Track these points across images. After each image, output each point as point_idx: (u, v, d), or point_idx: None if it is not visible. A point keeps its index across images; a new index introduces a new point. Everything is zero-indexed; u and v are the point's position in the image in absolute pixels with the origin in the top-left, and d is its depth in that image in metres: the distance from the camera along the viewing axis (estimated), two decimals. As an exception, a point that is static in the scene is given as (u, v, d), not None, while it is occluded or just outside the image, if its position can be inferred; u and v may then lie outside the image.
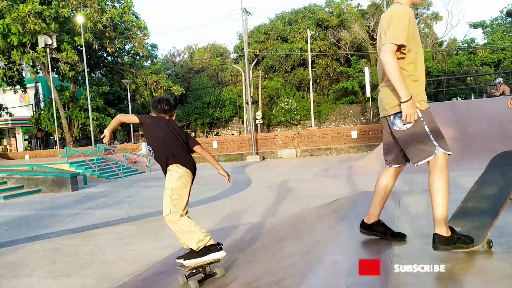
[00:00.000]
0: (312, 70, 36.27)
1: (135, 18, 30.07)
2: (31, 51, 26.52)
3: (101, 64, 33.58)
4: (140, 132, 41.78)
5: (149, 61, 34.38)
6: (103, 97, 32.25)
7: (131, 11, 29.83)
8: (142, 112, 43.67)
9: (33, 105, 39.51)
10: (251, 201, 9.75)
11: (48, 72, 26.74)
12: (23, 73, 31.48)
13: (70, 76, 28.09)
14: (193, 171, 3.80)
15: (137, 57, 32.86)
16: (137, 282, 4.54)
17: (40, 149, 36.89)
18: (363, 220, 3.34)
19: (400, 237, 3.25)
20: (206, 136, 40.59)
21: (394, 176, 3.19)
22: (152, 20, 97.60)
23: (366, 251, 3.20)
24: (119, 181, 17.06)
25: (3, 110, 34.73)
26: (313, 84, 36.36)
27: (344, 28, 40.26)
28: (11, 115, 35.81)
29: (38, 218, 9.75)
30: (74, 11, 27.17)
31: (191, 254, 3.68)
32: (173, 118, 3.99)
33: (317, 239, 3.79)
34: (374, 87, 33.90)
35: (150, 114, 3.93)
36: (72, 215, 9.73)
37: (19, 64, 28.55)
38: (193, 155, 3.98)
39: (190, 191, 3.80)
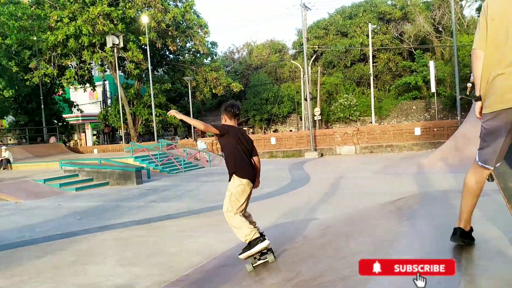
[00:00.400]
0: (373, 65, 35.34)
1: (196, 17, 30.77)
2: (100, 50, 27.91)
3: (164, 62, 34.71)
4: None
5: (209, 59, 35.09)
6: (165, 94, 33.33)
7: (192, 10, 30.55)
8: (202, 108, 44.70)
9: (101, 102, 41.67)
10: (310, 198, 9.69)
11: (115, 70, 28.03)
12: (92, 72, 33.24)
13: (135, 74, 29.28)
14: (253, 181, 4.32)
15: (198, 54, 33.63)
16: (200, 274, 4.65)
17: (107, 143, 38.84)
18: (459, 228, 2.95)
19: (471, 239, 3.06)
20: (264, 132, 40.82)
21: (485, 176, 2.81)
22: (212, 17, 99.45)
23: (433, 251, 3.07)
24: (180, 176, 17.57)
25: (75, 107, 36.88)
26: (373, 79, 35.45)
27: (407, 21, 38.88)
28: (81, 111, 37.95)
29: (106, 209, 10.27)
30: (139, 12, 28.26)
31: (245, 248, 4.23)
32: (239, 120, 4.37)
33: (382, 238, 3.69)
34: (439, 81, 32.49)
35: (222, 117, 4.35)
36: (137, 207, 10.15)
37: (89, 64, 30.16)
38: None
39: (249, 196, 4.37)
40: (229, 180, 4.33)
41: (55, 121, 34.71)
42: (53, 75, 28.50)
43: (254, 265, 4.17)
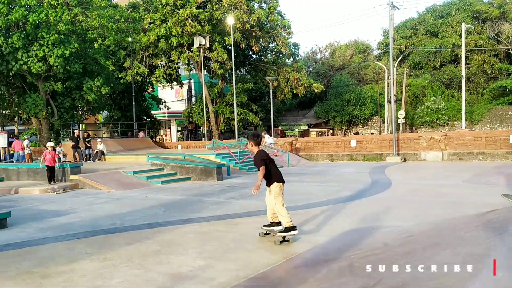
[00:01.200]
0: (465, 67, 33.19)
1: (280, 18, 30.96)
2: (187, 51, 29.15)
3: (247, 62, 35.38)
4: (279, 128, 43.06)
5: (291, 59, 35.15)
6: (247, 93, 33.96)
7: (276, 11, 30.80)
8: (282, 108, 44.90)
9: (186, 100, 43.49)
10: (390, 204, 9.34)
11: (201, 70, 29.11)
12: (180, 71, 34.79)
13: (219, 73, 30.18)
14: (284, 182, 6.45)
15: (280, 55, 33.84)
16: (277, 273, 4.68)
17: (190, 140, 40.45)
18: None
19: None
20: (344, 134, 40.06)
21: None
22: (295, 17, 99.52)
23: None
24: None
25: (162, 104, 38.89)
26: (465, 82, 33.28)
27: (505, 21, 36.02)
28: (168, 108, 39.90)
29: (188, 203, 10.70)
30: (225, 13, 29.07)
31: (284, 230, 6.21)
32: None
33: (472, 251, 3.46)
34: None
35: (250, 142, 6.35)
36: (218, 203, 10.46)
37: (177, 63, 31.60)
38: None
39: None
40: (269, 185, 6.30)
41: (144, 117, 36.85)
42: (144, 73, 30.28)
43: (280, 241, 6.09)
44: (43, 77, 24.07)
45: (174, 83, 34.66)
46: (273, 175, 6.25)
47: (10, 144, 24.92)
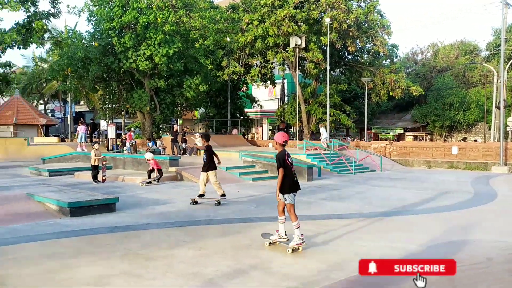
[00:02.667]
0: None
1: (380, 17, 30.02)
2: (282, 51, 29.46)
3: (342, 63, 34.80)
4: (373, 130, 41.78)
5: (389, 60, 33.90)
6: (340, 94, 33.44)
7: (376, 10, 29.91)
8: (376, 110, 43.52)
9: (279, 99, 43.96)
10: (494, 217, 8.67)
11: (295, 70, 29.25)
12: (274, 71, 35.28)
13: (313, 74, 30.09)
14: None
15: (377, 56, 32.81)
16: (370, 278, 4.61)
17: (281, 139, 40.72)
18: None
19: None
20: (444, 140, 37.77)
21: None
22: (395, 16, 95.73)
23: None
24: (350, 177, 17.50)
25: (255, 102, 39.74)
26: None
27: None
28: (261, 107, 40.66)
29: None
30: (322, 13, 28.88)
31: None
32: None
33: None
34: None
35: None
36: (307, 203, 10.48)
37: (272, 63, 32.07)
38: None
39: None
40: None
41: (238, 115, 37.95)
42: (240, 72, 31.18)
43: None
44: (149, 75, 25.86)
45: (268, 82, 35.23)
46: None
47: (118, 135, 27.20)
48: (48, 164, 19.77)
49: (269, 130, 46.94)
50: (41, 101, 51.44)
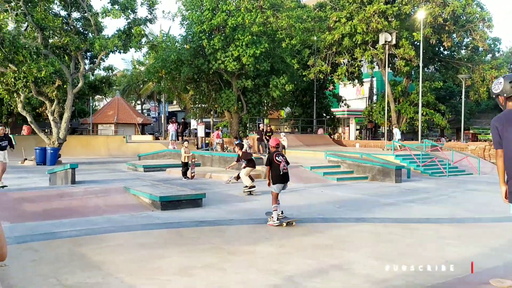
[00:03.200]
0: None
1: (479, 9, 27.93)
2: (371, 48, 28.61)
3: (436, 59, 32.94)
4: (471, 131, 38.96)
5: (489, 55, 31.42)
6: (434, 92, 31.67)
7: (475, 2, 27.90)
8: (475, 109, 40.57)
9: (367, 98, 42.74)
10: None
11: (384, 67, 28.24)
12: (362, 69, 34.38)
13: (404, 71, 28.83)
14: None
15: (476, 51, 30.55)
16: (459, 285, 4.32)
17: (368, 139, 39.67)
18: None
19: None
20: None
21: None
22: (497, 6, 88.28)
23: None
24: (443, 179, 16.50)
25: (342, 102, 39.04)
26: None
27: None
28: (348, 106, 39.86)
29: (363, 202, 10.58)
30: (415, 7, 27.58)
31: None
32: None
33: None
34: None
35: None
36: (394, 205, 10.08)
37: (360, 61, 31.30)
38: None
39: None
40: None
41: (324, 114, 37.54)
42: (326, 71, 30.82)
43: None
44: (236, 75, 26.53)
45: (356, 81, 34.41)
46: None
47: (207, 134, 28.28)
48: (143, 160, 21.14)
49: (357, 130, 45.84)
50: (139, 102, 55.19)
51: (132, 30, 21.86)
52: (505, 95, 3.93)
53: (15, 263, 5.20)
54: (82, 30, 23.20)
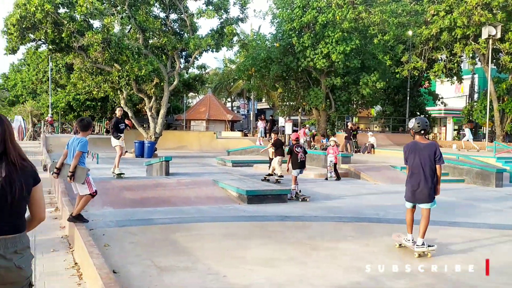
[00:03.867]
0: None
1: None
2: (473, 43, 26.66)
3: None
4: None
5: None
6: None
7: None
8: None
9: (467, 96, 39.90)
10: None
11: (487, 63, 26.20)
12: (462, 65, 32.18)
13: (510, 67, 26.49)
14: None
15: None
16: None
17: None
18: None
19: None
20: None
21: None
22: None
23: None
24: (552, 186, 14.94)
25: (439, 100, 36.88)
26: None
27: None
28: (445, 105, 37.58)
29: (457, 206, 9.96)
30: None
31: None
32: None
33: None
34: None
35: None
36: (493, 211, 9.38)
37: (459, 56, 29.33)
38: None
39: None
40: None
41: (418, 113, 35.74)
42: (421, 68, 29.29)
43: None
44: (325, 73, 26.32)
45: (454, 78, 32.30)
46: None
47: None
48: (232, 156, 21.83)
49: (454, 130, 43.01)
50: (229, 99, 56.94)
51: (225, 30, 22.63)
52: (413, 130, 5.85)
53: (116, 244, 5.71)
54: (178, 31, 24.51)
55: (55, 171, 6.30)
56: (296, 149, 10.39)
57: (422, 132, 5.74)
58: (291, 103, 32.41)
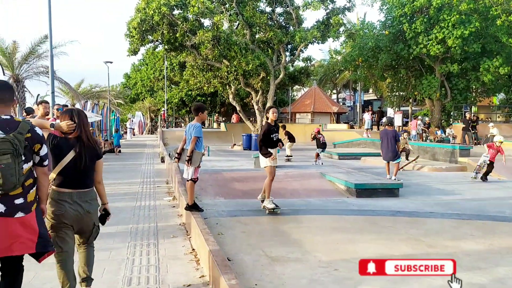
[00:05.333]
0: None
1: None
2: None
3: None
4: None
5: None
6: None
7: None
8: None
9: None
10: None
11: None
12: None
13: None
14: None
15: None
16: None
17: None
18: None
19: None
20: None
21: None
22: None
23: None
24: None
25: None
26: None
27: None
28: None
29: None
30: None
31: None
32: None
33: None
34: None
35: None
36: None
37: None
38: None
39: None
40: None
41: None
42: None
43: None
44: (440, 59, 24.54)
45: None
46: None
47: (405, 124, 27.01)
48: (338, 148, 21.50)
49: None
50: (334, 91, 56.01)
51: (331, 20, 22.28)
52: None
53: (229, 233, 5.95)
54: (284, 24, 24.69)
55: (176, 156, 6.69)
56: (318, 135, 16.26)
57: None
58: (401, 93, 30.84)
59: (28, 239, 3.06)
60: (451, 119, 27.01)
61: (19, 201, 3.05)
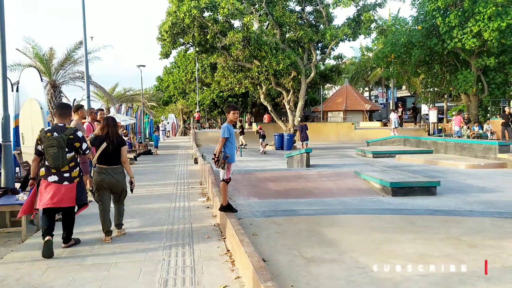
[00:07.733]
0: None
1: None
2: None
3: None
4: None
5: None
6: None
7: None
8: None
9: None
10: None
11: None
12: None
13: None
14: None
15: None
16: None
17: None
18: None
19: None
20: None
21: None
22: None
23: None
24: None
25: None
26: None
27: None
28: None
29: None
30: None
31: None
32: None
33: None
34: None
35: None
36: None
37: None
38: None
39: None
40: None
41: None
42: None
43: None
44: (476, 53, 23.81)
45: None
46: None
47: (440, 120, 26.27)
48: (372, 147, 21.17)
49: None
50: (366, 88, 55.23)
51: (361, 17, 21.99)
52: None
53: (263, 233, 5.96)
54: (314, 23, 24.51)
55: (213, 157, 6.62)
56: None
57: None
58: (436, 89, 30.09)
59: (70, 198, 5.25)
60: (488, 114, 26.15)
61: (66, 174, 5.22)
